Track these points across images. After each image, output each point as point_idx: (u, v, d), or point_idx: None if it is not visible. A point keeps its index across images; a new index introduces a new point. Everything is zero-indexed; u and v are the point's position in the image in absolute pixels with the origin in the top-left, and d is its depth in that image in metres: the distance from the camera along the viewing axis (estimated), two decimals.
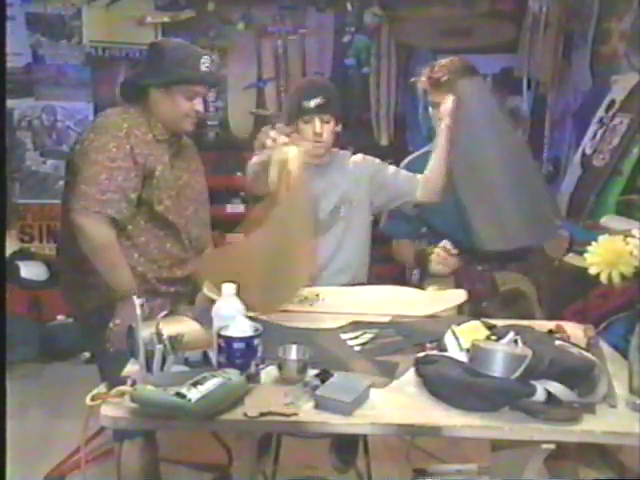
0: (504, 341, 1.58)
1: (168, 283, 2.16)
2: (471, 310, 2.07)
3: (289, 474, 2.42)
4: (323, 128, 2.30)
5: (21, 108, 3.88)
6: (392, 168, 2.45)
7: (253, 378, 1.52)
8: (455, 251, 2.29)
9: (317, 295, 2.13)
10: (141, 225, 2.11)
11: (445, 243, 2.31)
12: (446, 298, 2.09)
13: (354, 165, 2.45)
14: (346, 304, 2.09)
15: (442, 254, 2.29)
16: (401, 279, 2.78)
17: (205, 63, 2.14)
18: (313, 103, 2.27)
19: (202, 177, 2.36)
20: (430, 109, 2.35)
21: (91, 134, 2.07)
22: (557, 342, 1.64)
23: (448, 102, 2.16)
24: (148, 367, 1.52)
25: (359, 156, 2.49)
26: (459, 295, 2.08)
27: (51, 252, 3.90)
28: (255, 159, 2.07)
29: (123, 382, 1.46)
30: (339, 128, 2.36)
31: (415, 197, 2.36)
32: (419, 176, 2.35)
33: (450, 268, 2.30)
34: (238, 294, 1.65)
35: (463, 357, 1.58)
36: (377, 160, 2.49)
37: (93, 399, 1.42)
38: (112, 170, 2.01)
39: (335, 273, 2.35)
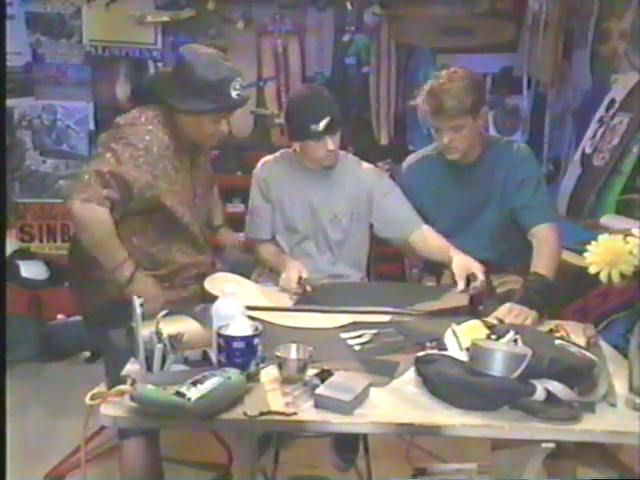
0: (504, 340, 1.58)
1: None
2: (469, 311, 2.06)
3: (289, 473, 2.42)
4: (333, 142, 2.24)
5: (21, 107, 3.87)
6: (396, 199, 2.35)
7: (253, 377, 1.52)
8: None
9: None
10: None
11: None
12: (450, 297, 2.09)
13: (362, 173, 2.38)
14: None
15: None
16: (401, 277, 2.77)
17: (236, 87, 2.02)
18: (322, 126, 2.18)
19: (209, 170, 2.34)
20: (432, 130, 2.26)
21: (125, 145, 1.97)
22: (557, 341, 1.65)
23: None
24: (148, 366, 1.52)
25: (370, 167, 2.43)
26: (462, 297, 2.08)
27: (51, 251, 3.91)
28: None
29: (123, 381, 1.46)
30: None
31: (403, 239, 2.31)
32: (424, 227, 2.28)
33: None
34: None
35: (463, 356, 1.58)
36: (386, 180, 2.41)
37: (93, 398, 1.42)
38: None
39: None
